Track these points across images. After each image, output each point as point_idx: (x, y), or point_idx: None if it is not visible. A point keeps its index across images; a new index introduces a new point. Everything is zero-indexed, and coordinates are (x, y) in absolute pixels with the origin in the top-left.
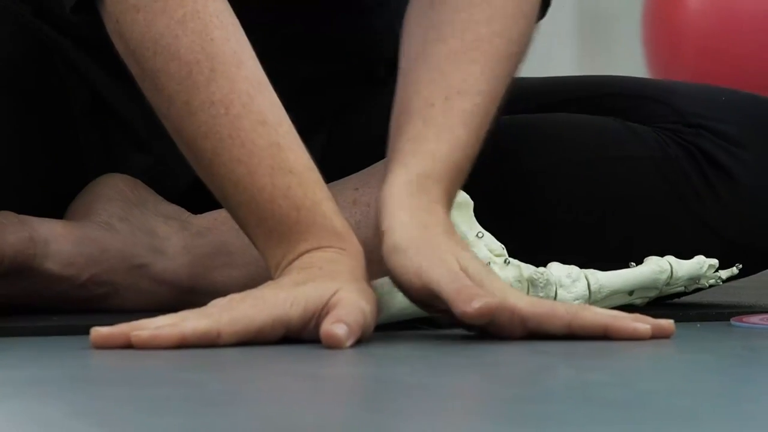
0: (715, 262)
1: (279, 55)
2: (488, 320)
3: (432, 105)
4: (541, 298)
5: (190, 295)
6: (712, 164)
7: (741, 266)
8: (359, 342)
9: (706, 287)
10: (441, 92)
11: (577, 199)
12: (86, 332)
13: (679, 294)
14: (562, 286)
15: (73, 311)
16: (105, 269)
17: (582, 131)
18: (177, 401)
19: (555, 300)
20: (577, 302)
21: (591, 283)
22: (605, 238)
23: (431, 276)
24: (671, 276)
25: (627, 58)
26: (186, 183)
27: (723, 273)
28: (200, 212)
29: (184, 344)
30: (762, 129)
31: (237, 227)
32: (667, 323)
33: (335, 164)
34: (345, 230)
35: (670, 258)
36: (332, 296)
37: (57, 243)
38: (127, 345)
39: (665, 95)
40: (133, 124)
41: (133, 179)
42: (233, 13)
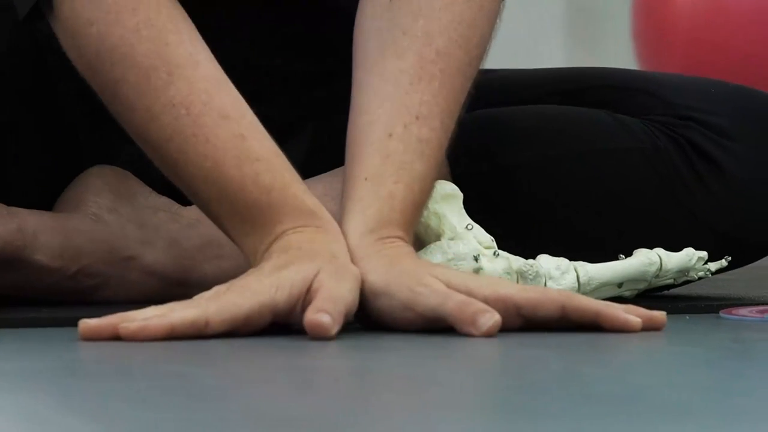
0: (705, 255)
1: (267, 52)
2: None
3: (390, 135)
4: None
5: (180, 287)
6: (702, 156)
7: (730, 258)
8: (345, 332)
9: (696, 279)
10: (399, 119)
11: (566, 192)
12: (75, 324)
13: (669, 286)
14: (552, 278)
15: (63, 303)
16: (94, 261)
17: (571, 123)
18: (167, 394)
19: None
20: None
21: (580, 275)
22: (595, 231)
23: (423, 304)
24: (660, 268)
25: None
26: None
27: (712, 265)
28: (188, 203)
29: (173, 335)
30: (751, 121)
31: None
32: (659, 314)
33: (319, 160)
34: (317, 208)
35: (660, 250)
36: (315, 278)
37: (46, 235)
38: (116, 337)
39: (654, 87)
40: None
41: (123, 171)
42: (188, 18)
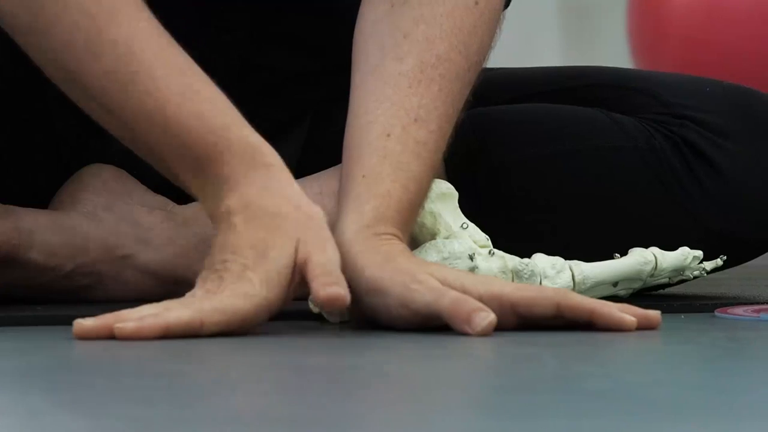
0: (700, 254)
1: (260, 49)
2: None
3: (388, 136)
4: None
5: (175, 286)
6: (697, 155)
7: (725, 258)
8: (340, 330)
9: (691, 278)
10: (397, 120)
11: (562, 190)
12: (71, 322)
13: (664, 285)
14: (547, 277)
15: (58, 301)
16: (89, 260)
17: (566, 122)
18: (160, 391)
19: None
20: None
21: (575, 274)
22: (590, 229)
23: (418, 301)
24: (656, 267)
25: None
26: None
27: (707, 264)
28: (183, 202)
29: (168, 335)
30: (746, 119)
31: None
32: (654, 314)
33: (316, 159)
34: (260, 143)
35: (655, 249)
36: (297, 253)
37: (41, 233)
38: (111, 337)
39: (649, 86)
40: None
41: (118, 169)
42: None
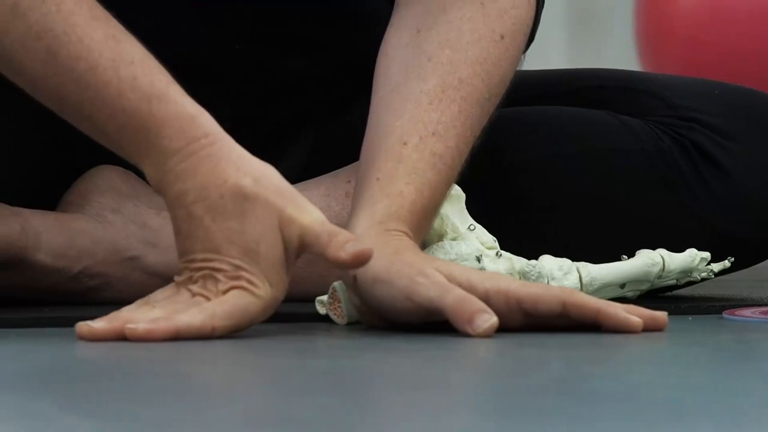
0: (708, 255)
1: (268, 53)
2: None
3: (405, 144)
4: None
5: None
6: (705, 157)
7: (733, 259)
8: (347, 333)
9: (699, 280)
10: (415, 131)
11: (569, 192)
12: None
13: (672, 287)
14: (554, 279)
15: (65, 303)
16: (97, 261)
17: (573, 124)
18: (169, 393)
19: None
20: None
21: (583, 276)
22: (597, 231)
23: (422, 295)
24: (663, 269)
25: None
26: None
27: (715, 266)
28: None
29: (178, 338)
30: (754, 122)
31: None
32: (661, 315)
33: (321, 162)
34: (197, 111)
35: (662, 251)
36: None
37: (49, 235)
38: (120, 339)
39: (657, 88)
40: None
41: (126, 171)
42: None
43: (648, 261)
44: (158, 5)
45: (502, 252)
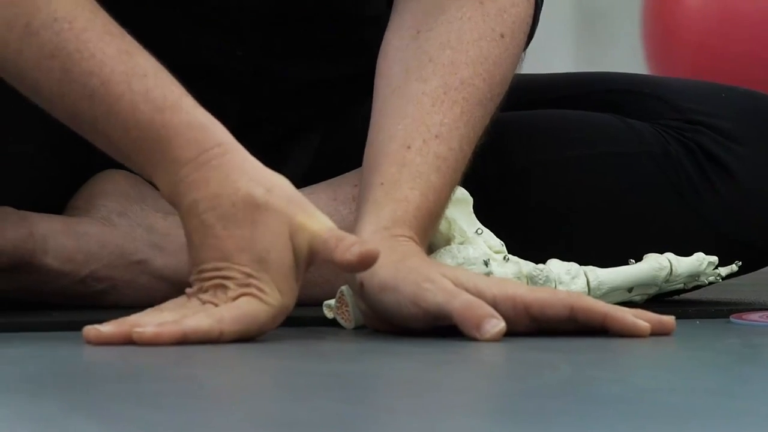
0: (715, 260)
1: (271, 58)
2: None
3: (408, 148)
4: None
5: None
6: (712, 161)
7: (740, 263)
8: (354, 337)
9: (706, 284)
10: (418, 135)
11: (576, 196)
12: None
13: (679, 291)
14: (562, 283)
15: (72, 307)
16: (104, 265)
17: (581, 127)
18: (175, 396)
19: None
20: None
21: (590, 280)
22: (604, 235)
23: (429, 300)
24: (670, 273)
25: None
26: None
27: (722, 270)
28: None
29: (185, 341)
30: (761, 125)
31: None
32: (669, 319)
33: (326, 166)
34: (210, 121)
35: (670, 255)
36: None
37: (56, 239)
38: (128, 342)
39: (664, 92)
40: None
41: (133, 175)
42: None
43: (655, 265)
44: (158, 12)
45: (510, 256)
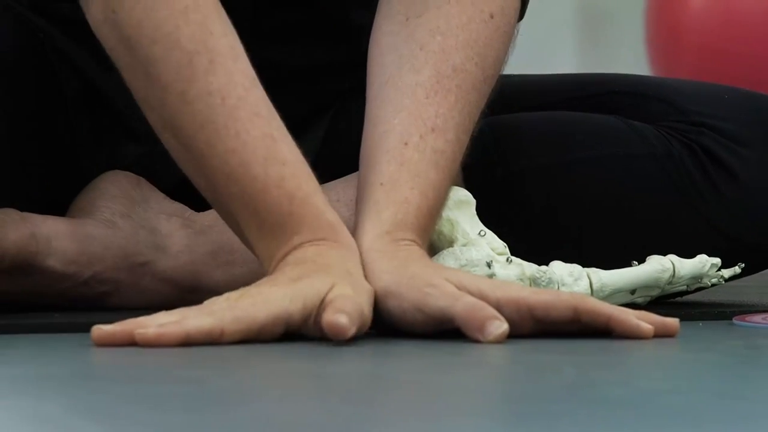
0: (718, 261)
1: (272, 46)
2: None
3: (405, 144)
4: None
5: (192, 293)
6: (715, 162)
7: (743, 265)
8: (358, 338)
9: (709, 286)
10: (415, 129)
11: (579, 198)
12: (88, 330)
13: (682, 293)
14: (565, 285)
15: (75, 309)
16: (107, 267)
17: (584, 129)
18: (178, 398)
19: None
20: None
21: (593, 282)
22: (607, 237)
23: (432, 305)
24: (673, 275)
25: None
26: (179, 173)
27: (725, 272)
28: (196, 204)
29: (188, 342)
30: (764, 127)
31: None
32: (672, 321)
33: (332, 154)
34: (337, 222)
35: (673, 257)
36: (329, 291)
37: (59, 240)
38: (130, 343)
39: (667, 93)
40: (125, 114)
41: (136, 176)
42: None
43: (658, 267)
44: None
45: (513, 258)
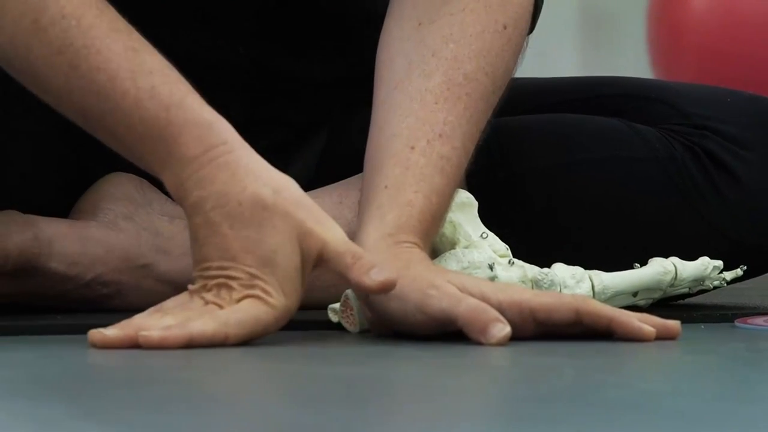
0: (720, 264)
1: (274, 56)
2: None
3: (412, 148)
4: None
5: None
6: (717, 165)
7: (745, 268)
8: (359, 339)
9: (711, 289)
10: (422, 134)
11: (581, 201)
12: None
13: (684, 295)
14: (567, 287)
15: (77, 310)
16: (110, 269)
17: (586, 132)
18: (179, 400)
19: None
20: None
21: (595, 284)
22: (609, 239)
23: (434, 306)
24: (675, 277)
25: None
26: None
27: (727, 274)
28: None
29: (191, 345)
30: (766, 130)
31: None
32: (674, 324)
33: (332, 165)
34: (216, 119)
35: (675, 259)
36: (303, 248)
37: (62, 242)
38: (132, 346)
39: (669, 96)
40: None
41: (138, 178)
42: None
43: (660, 269)
44: (159, 10)
45: (515, 260)
